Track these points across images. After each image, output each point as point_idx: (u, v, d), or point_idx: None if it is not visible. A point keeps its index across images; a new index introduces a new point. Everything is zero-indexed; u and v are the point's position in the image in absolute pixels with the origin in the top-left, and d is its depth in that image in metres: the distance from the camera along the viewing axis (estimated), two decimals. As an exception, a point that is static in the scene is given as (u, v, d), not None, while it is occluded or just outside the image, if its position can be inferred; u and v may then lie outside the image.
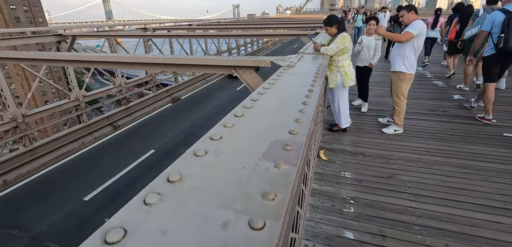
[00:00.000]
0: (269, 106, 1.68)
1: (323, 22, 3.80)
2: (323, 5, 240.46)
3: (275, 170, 0.97)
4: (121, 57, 3.69)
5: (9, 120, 9.68)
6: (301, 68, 2.85)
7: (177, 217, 0.76)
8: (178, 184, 0.91)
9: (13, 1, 66.67)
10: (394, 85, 4.08)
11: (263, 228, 0.71)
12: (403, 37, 3.70)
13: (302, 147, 1.14)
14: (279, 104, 1.71)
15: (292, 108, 1.60)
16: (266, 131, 1.33)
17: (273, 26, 20.41)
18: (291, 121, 1.40)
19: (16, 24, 67.09)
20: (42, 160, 10.09)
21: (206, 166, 1.01)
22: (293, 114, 1.49)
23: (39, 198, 8.60)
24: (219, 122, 1.43)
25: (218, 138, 1.23)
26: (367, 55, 4.93)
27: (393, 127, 4.16)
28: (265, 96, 1.86)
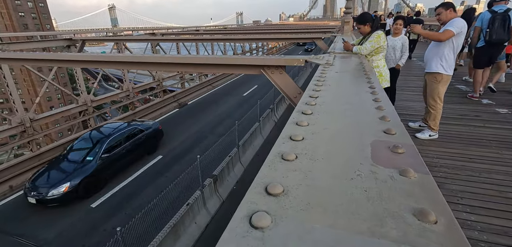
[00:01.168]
0: (335, 104, 1.44)
1: (355, 20, 3.58)
2: (326, 12, 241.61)
3: (405, 179, 0.73)
4: (144, 58, 3.50)
5: (17, 125, 9.53)
6: (342, 66, 2.61)
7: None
8: (284, 198, 0.66)
9: (21, 9, 67.86)
10: (429, 87, 3.82)
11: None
12: (443, 36, 3.45)
13: (416, 150, 0.90)
14: (346, 102, 1.47)
15: (366, 105, 1.36)
16: (351, 130, 1.08)
17: (278, 32, 20.33)
18: (377, 119, 1.16)
19: (24, 30, 68.08)
20: (49, 165, 9.89)
21: (307, 174, 0.77)
22: (372, 112, 1.25)
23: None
24: (288, 121, 1.19)
25: (299, 138, 0.99)
26: (393, 56, 4.70)
27: (428, 132, 3.89)
28: (324, 93, 1.62)
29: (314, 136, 1.03)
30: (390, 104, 1.35)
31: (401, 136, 0.99)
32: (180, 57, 3.35)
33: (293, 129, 1.09)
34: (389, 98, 4.62)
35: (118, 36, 15.33)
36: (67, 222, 7.64)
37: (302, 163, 0.83)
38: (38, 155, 9.83)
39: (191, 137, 13.40)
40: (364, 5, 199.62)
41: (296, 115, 1.25)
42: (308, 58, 2.96)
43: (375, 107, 1.30)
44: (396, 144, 0.90)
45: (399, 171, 0.75)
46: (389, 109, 1.28)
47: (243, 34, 19.68)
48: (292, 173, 0.77)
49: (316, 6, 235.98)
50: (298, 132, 1.05)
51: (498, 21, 4.71)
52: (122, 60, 3.71)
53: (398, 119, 1.14)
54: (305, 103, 1.41)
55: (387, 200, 0.65)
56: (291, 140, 0.99)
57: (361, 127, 1.10)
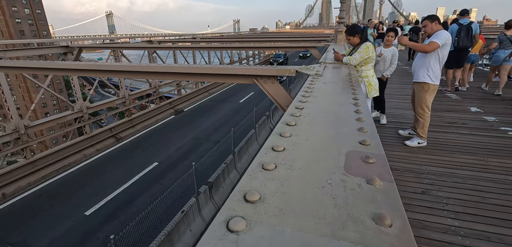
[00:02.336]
0: (319, 115, 1.52)
1: (345, 32, 3.70)
2: (322, 20, 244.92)
3: (371, 187, 0.80)
4: (139, 67, 3.57)
5: (11, 132, 9.48)
6: (331, 77, 2.71)
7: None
8: (260, 205, 0.74)
9: (18, 15, 67.72)
10: (417, 96, 3.94)
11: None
12: (429, 47, 3.58)
13: (386, 161, 0.98)
14: (329, 113, 1.55)
15: (347, 117, 1.44)
16: (330, 141, 1.16)
17: (274, 40, 20.56)
18: (355, 130, 1.24)
19: (20, 37, 67.82)
20: (42, 172, 9.83)
21: (284, 182, 0.84)
22: (352, 123, 1.33)
23: (39, 212, 8.29)
24: (273, 131, 1.27)
25: (281, 149, 1.07)
26: (381, 66, 4.84)
27: (417, 140, 4.00)
28: (310, 104, 1.70)
29: (295, 146, 1.10)
30: (369, 116, 1.44)
31: (374, 147, 1.07)
32: (172, 66, 3.43)
33: (276, 140, 1.17)
34: (380, 107, 4.74)
35: (115, 43, 15.38)
36: (60, 229, 7.58)
37: (280, 172, 0.90)
38: (32, 162, 9.77)
39: (187, 144, 13.42)
40: (359, 14, 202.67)
41: (281, 126, 1.33)
42: (299, 69, 3.05)
43: (356, 118, 1.39)
44: (368, 154, 0.98)
45: (367, 180, 0.83)
46: (368, 120, 1.37)
47: (240, 42, 19.88)
48: (270, 181, 0.85)
49: (312, 14, 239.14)
50: (280, 143, 1.13)
51: (463, 31, 6.05)
52: (112, 69, 3.78)
53: (375, 131, 1.23)
54: (290, 114, 1.50)
55: (352, 206, 0.72)
56: (272, 151, 1.06)
57: (340, 138, 1.18)
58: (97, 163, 11.45)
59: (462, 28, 6.04)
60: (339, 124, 1.36)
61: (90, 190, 9.41)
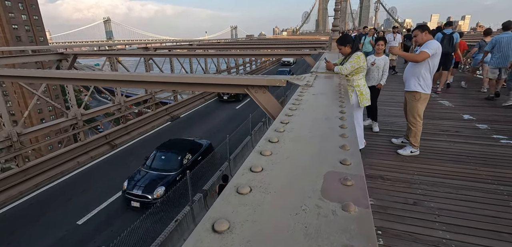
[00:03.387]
0: (304, 130, 1.50)
1: (336, 41, 3.71)
2: (319, 26, 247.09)
3: (345, 214, 0.78)
4: (130, 76, 3.54)
5: (4, 139, 9.36)
6: (320, 88, 2.70)
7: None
8: (227, 236, 0.70)
9: (15, 21, 67.57)
10: (408, 105, 3.95)
11: None
12: (419, 57, 3.60)
13: (365, 182, 0.95)
14: (314, 128, 1.53)
15: (332, 132, 1.42)
16: (311, 160, 1.14)
17: (270, 47, 20.68)
18: (337, 148, 1.22)
19: (17, 43, 67.62)
20: (35, 180, 9.68)
21: (256, 209, 0.81)
22: (335, 140, 1.31)
23: (30, 221, 8.14)
24: (254, 149, 1.25)
25: (259, 169, 1.04)
26: (375, 74, 4.84)
27: (409, 148, 3.99)
28: (295, 118, 1.68)
29: (274, 166, 1.08)
30: (353, 131, 1.42)
31: (354, 167, 1.04)
32: (162, 76, 3.41)
33: (256, 159, 1.14)
34: (372, 115, 4.74)
35: (111, 50, 15.35)
36: (52, 239, 7.44)
37: (254, 197, 0.87)
38: (24, 170, 9.63)
39: (183, 151, 13.31)
40: (355, 20, 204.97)
41: (262, 143, 1.30)
42: (290, 79, 3.05)
43: (340, 134, 1.37)
44: (347, 175, 0.96)
45: (342, 206, 0.81)
46: (351, 136, 1.35)
47: (236, 49, 19.98)
48: (242, 207, 0.82)
49: (309, 21, 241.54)
50: (260, 162, 1.10)
51: (446, 39, 7.09)
52: (98, 78, 3.75)
53: (357, 149, 1.20)
54: (274, 130, 1.47)
55: (323, 236, 0.69)
56: (250, 172, 1.03)
57: (321, 156, 1.16)
58: (91, 170, 11.30)
59: (445, 37, 7.15)
60: (323, 139, 1.34)
61: (83, 198, 9.27)
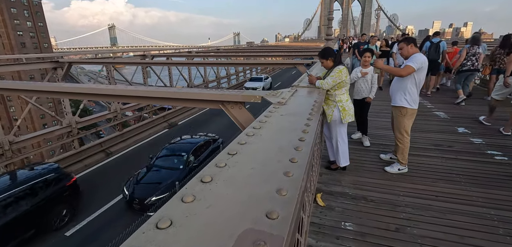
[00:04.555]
0: (247, 166, 1.32)
1: (318, 54, 3.57)
2: (320, 33, 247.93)
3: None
4: (95, 89, 3.43)
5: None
6: (293, 106, 2.55)
7: None
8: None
9: (20, 28, 68.74)
10: (395, 121, 3.78)
11: None
12: (404, 71, 3.45)
13: (287, 225, 0.79)
14: (260, 163, 1.37)
15: (277, 169, 1.26)
16: (234, 212, 0.97)
17: (271, 54, 20.61)
18: (273, 192, 1.06)
19: (21, 49, 68.61)
20: (26, 190, 9.55)
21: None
22: (276, 180, 1.15)
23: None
24: (175, 195, 1.09)
25: (166, 224, 0.88)
26: (364, 87, 4.67)
27: (397, 166, 3.80)
28: (246, 148, 1.52)
29: (187, 220, 0.91)
30: (301, 167, 1.26)
31: (279, 223, 0.88)
32: (133, 90, 3.29)
33: (173, 207, 0.98)
34: (362, 128, 4.56)
35: (107, 59, 15.35)
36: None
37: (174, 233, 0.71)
38: (15, 179, 9.50)
39: (178, 160, 13.16)
40: (356, 27, 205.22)
41: (192, 184, 1.14)
42: (265, 95, 2.90)
43: (284, 172, 1.20)
44: (262, 240, 0.79)
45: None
46: (297, 174, 1.18)
47: (233, 57, 19.93)
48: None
49: (310, 27, 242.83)
50: (173, 213, 0.94)
51: (433, 47, 7.88)
52: (75, 91, 3.65)
53: (295, 193, 1.04)
54: (214, 164, 1.31)
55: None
56: (156, 229, 0.87)
57: (249, 206, 1.00)
58: (84, 179, 11.16)
59: (433, 45, 7.93)
60: (262, 180, 1.17)
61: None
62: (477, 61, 7.16)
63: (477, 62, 7.16)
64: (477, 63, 7.18)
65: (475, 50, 7.14)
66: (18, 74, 58.09)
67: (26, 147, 20.87)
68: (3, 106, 61.81)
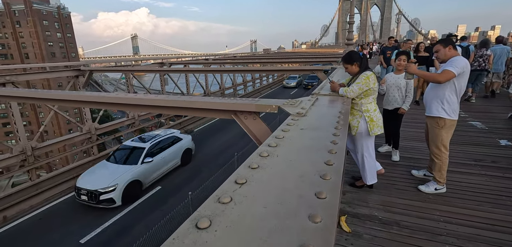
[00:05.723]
0: (258, 202, 1.01)
1: (342, 59, 3.21)
2: (338, 39, 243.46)
3: None
4: (108, 98, 3.29)
5: (18, 154, 9.59)
6: (315, 117, 2.21)
7: None
8: None
9: (51, 39, 73.36)
10: (431, 133, 3.31)
11: None
12: (442, 77, 3.00)
13: None
14: (276, 197, 1.05)
15: (298, 205, 0.94)
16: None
17: (287, 61, 20.30)
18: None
19: (51, 58, 73.05)
20: (46, 194, 9.78)
21: None
22: (298, 222, 0.83)
23: (36, 237, 8.10)
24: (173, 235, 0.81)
25: None
26: (396, 96, 4.19)
27: (433, 185, 3.33)
28: (259, 174, 1.21)
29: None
30: (333, 206, 0.93)
31: None
32: (147, 99, 3.10)
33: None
34: (392, 141, 4.09)
35: (126, 66, 15.73)
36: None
37: None
38: (36, 184, 9.77)
39: (192, 167, 13.08)
40: (375, 32, 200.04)
41: (182, 231, 0.84)
42: (282, 104, 2.58)
43: (308, 215, 0.88)
44: None
45: None
46: (325, 217, 0.86)
47: (252, 63, 19.84)
48: None
49: (327, 33, 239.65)
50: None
51: (463, 52, 7.40)
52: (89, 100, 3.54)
53: (333, 229, 0.72)
54: (216, 199, 1.01)
55: None
56: None
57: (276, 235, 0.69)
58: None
59: (462, 50, 7.42)
60: (278, 226, 0.86)
61: (89, 214, 9.16)
62: (485, 62, 7.77)
63: (484, 63, 7.78)
64: (484, 64, 7.79)
65: (482, 52, 7.76)
66: (48, 82, 61.68)
67: (53, 151, 21.81)
68: (33, 113, 65.64)
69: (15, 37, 69.62)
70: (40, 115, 66.91)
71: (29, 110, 66.06)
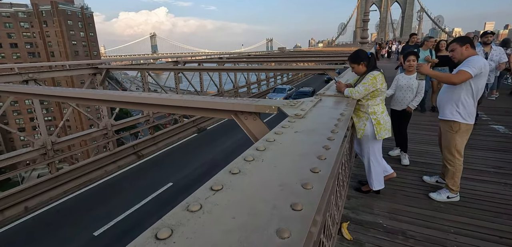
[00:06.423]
0: (229, 211, 0.96)
1: (349, 58, 3.08)
2: (356, 38, 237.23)
3: None
4: (104, 95, 3.36)
5: (39, 147, 10.08)
6: (313, 120, 2.12)
7: None
8: None
9: (74, 38, 76.94)
10: (444, 138, 3.11)
11: None
12: (456, 78, 2.80)
13: None
14: (263, 191, 1.00)
15: (269, 219, 0.87)
16: None
17: (302, 59, 20.02)
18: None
19: (75, 56, 76.53)
20: (64, 187, 10.21)
21: None
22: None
23: (53, 228, 8.48)
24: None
25: None
26: (408, 97, 4.00)
27: (446, 192, 3.13)
28: (240, 179, 1.16)
29: None
30: (307, 218, 0.86)
31: None
32: (148, 97, 3.12)
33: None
34: (401, 144, 3.91)
35: (141, 65, 16.12)
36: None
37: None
38: (56, 177, 10.23)
39: (204, 165, 13.22)
40: (395, 31, 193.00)
41: (152, 231, 0.80)
42: (282, 106, 2.50)
43: (276, 230, 0.81)
44: None
45: None
46: (295, 231, 0.79)
47: (266, 62, 19.75)
48: None
49: (345, 32, 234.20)
50: None
51: None
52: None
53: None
54: (184, 207, 0.96)
55: None
56: None
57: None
58: (116, 180, 11.68)
59: None
60: (245, 234, 0.80)
61: (104, 208, 9.50)
62: None
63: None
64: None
65: None
66: (71, 79, 64.66)
67: (75, 145, 22.68)
68: (58, 109, 69.03)
69: (42, 36, 73.45)
70: (64, 111, 70.35)
71: (54, 106, 69.54)
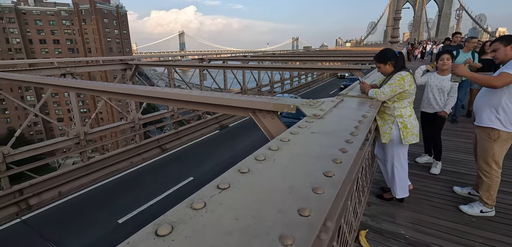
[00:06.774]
0: (228, 215, 0.92)
1: (375, 57, 2.91)
2: (386, 37, 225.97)
3: None
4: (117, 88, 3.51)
5: (73, 137, 10.82)
6: (332, 121, 2.03)
7: None
8: None
9: (109, 35, 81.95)
10: (480, 146, 2.84)
11: None
12: (497, 81, 2.54)
13: None
14: (270, 193, 0.95)
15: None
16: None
17: (328, 59, 19.53)
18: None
19: (109, 52, 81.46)
20: (94, 175, 10.87)
21: None
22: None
23: (81, 213, 9.06)
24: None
25: None
26: (437, 98, 3.73)
27: (479, 206, 2.86)
28: (247, 179, 1.12)
29: None
30: (314, 226, 0.80)
31: None
32: (165, 92, 3.19)
33: None
34: (434, 151, 3.65)
35: (168, 61, 16.71)
36: (93, 236, 8.08)
37: None
38: (87, 165, 10.92)
39: (224, 161, 13.38)
40: (430, 30, 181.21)
41: (152, 227, 0.80)
42: (300, 105, 2.42)
43: (279, 235, 0.76)
44: None
45: None
46: (299, 238, 0.74)
47: (291, 61, 19.53)
48: None
49: (375, 31, 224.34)
50: None
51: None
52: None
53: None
54: (188, 204, 0.94)
55: None
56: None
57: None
58: (140, 172, 12.21)
59: None
60: (246, 237, 0.76)
61: (128, 197, 9.97)
62: None
63: None
64: None
65: None
66: (105, 74, 68.71)
67: (106, 135, 24.02)
68: (92, 102, 73.77)
69: (81, 33, 78.86)
70: (97, 103, 75.31)
71: (89, 99, 74.37)
